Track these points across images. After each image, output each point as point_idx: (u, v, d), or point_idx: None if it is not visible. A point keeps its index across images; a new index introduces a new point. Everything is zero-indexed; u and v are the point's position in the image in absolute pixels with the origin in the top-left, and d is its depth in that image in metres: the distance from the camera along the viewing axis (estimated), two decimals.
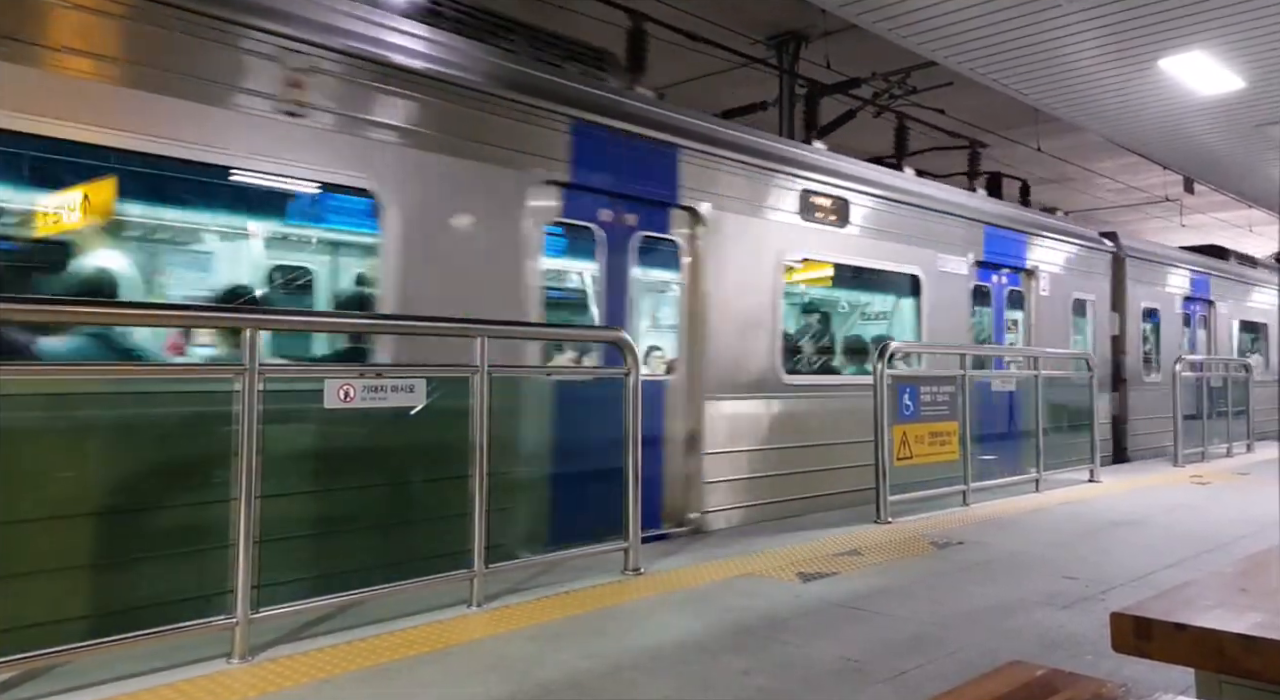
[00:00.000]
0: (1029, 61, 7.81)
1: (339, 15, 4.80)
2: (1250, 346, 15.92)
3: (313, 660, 3.37)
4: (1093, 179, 18.01)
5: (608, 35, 9.38)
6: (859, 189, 7.99)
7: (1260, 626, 1.60)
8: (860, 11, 6.91)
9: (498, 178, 5.40)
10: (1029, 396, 8.30)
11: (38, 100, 3.76)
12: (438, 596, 4.08)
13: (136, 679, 3.11)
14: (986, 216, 9.64)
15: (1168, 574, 4.81)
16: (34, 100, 3.75)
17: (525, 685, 3.15)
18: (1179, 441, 10.39)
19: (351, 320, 5.10)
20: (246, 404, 3.37)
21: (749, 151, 7.09)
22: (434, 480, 4.65)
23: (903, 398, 6.74)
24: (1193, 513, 7.02)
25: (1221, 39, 7.20)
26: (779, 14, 10.70)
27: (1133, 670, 2.64)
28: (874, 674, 3.30)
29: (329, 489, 4.37)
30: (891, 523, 6.33)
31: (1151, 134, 10.03)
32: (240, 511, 3.34)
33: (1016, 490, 7.83)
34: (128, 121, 4.00)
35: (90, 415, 3.75)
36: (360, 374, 3.95)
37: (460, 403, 4.09)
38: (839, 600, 4.29)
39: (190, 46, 4.19)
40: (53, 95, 3.80)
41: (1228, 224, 21.40)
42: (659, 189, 6.42)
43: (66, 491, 3.66)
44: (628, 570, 4.75)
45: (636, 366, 4.82)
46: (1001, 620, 4.01)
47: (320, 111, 4.64)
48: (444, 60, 5.21)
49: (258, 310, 4.58)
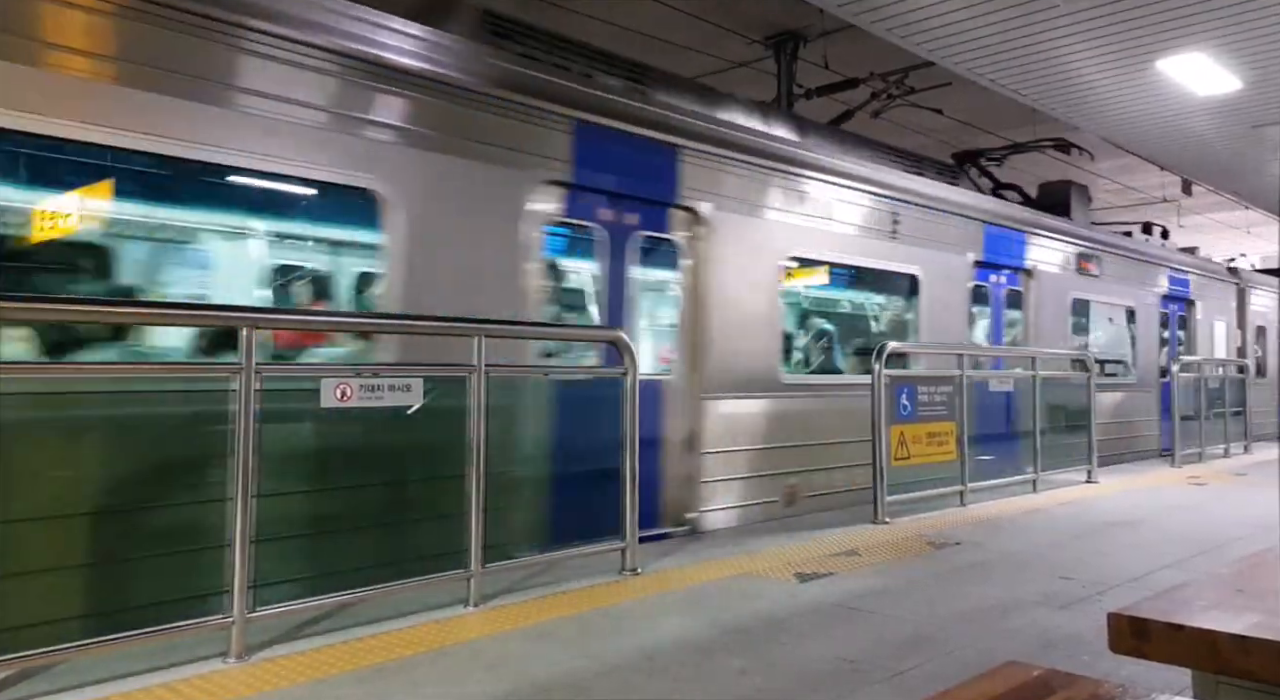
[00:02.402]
0: (1026, 62, 7.81)
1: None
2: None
3: (309, 660, 3.36)
4: (1090, 180, 18.02)
5: (609, 35, 9.39)
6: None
7: (1257, 627, 1.60)
8: (858, 11, 6.91)
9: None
10: (1027, 397, 8.31)
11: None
12: (434, 596, 4.08)
13: (133, 678, 3.11)
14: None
15: (1165, 574, 4.81)
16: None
17: (522, 685, 3.15)
18: (1176, 442, 10.41)
19: (351, 320, 5.09)
20: (243, 403, 3.37)
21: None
22: (401, 483, 4.63)
23: (900, 398, 6.75)
24: (1190, 513, 7.03)
25: (1219, 40, 7.21)
26: (777, 14, 10.70)
27: (1129, 671, 2.64)
28: (871, 674, 3.30)
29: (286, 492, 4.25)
30: (889, 523, 6.33)
31: (1149, 135, 10.03)
32: (237, 511, 3.34)
33: (1014, 491, 7.84)
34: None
35: (103, 414, 3.74)
36: (358, 373, 3.95)
37: (437, 403, 4.06)
38: (836, 600, 4.29)
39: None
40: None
41: (1225, 225, 21.42)
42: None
43: (72, 490, 3.66)
44: (625, 570, 4.75)
45: (635, 367, 4.82)
46: (999, 620, 4.01)
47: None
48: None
49: (257, 310, 4.57)
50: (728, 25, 10.78)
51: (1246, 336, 15.12)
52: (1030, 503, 7.43)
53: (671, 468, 6.45)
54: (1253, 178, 12.01)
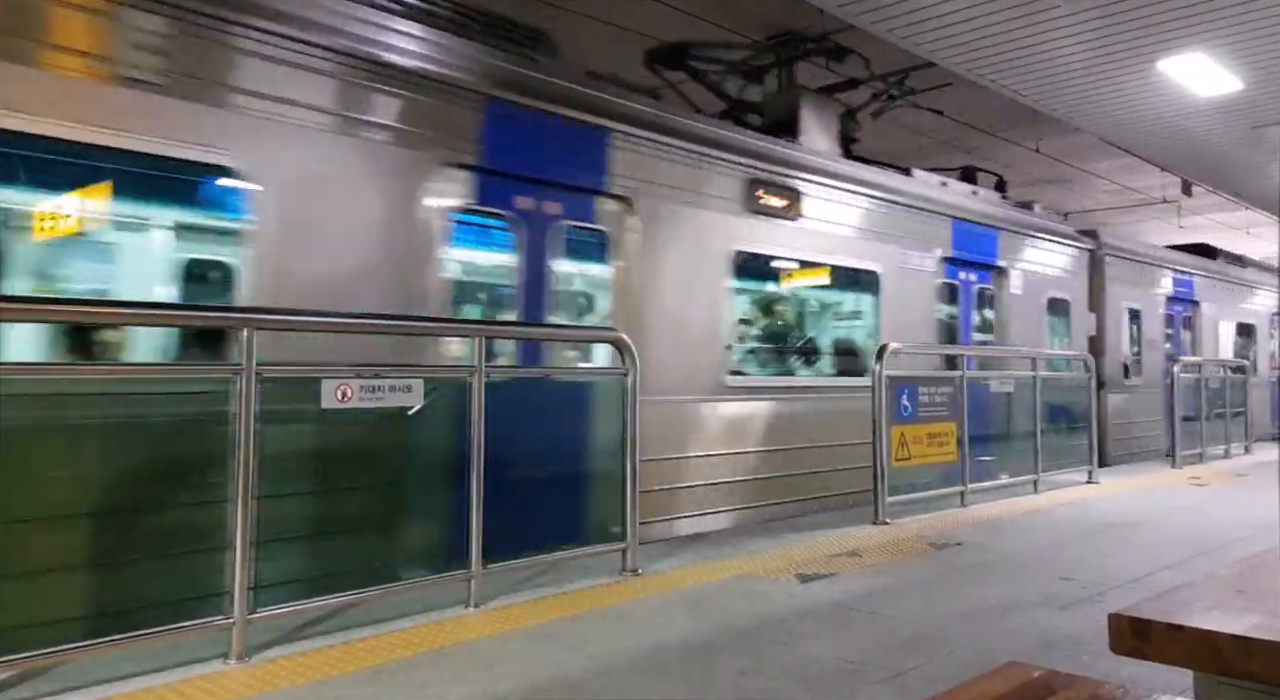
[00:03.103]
0: (1027, 62, 7.81)
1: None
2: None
3: (310, 660, 3.36)
4: (1090, 181, 18.02)
5: (609, 34, 9.38)
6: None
7: (1257, 628, 1.60)
8: (859, 12, 6.91)
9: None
10: (1023, 397, 8.28)
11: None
12: (435, 597, 4.07)
13: (134, 679, 3.11)
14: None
15: (1165, 575, 4.81)
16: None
17: (522, 686, 3.15)
18: (1176, 443, 10.40)
19: (352, 320, 5.06)
20: (243, 404, 3.36)
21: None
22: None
23: (901, 398, 6.75)
24: (1191, 514, 7.03)
25: (1219, 40, 7.20)
26: (777, 14, 10.70)
27: (1130, 671, 2.64)
28: (872, 675, 3.29)
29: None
30: (889, 524, 6.33)
31: (1149, 135, 10.03)
32: (237, 512, 3.34)
33: (1015, 491, 7.84)
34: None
35: (107, 414, 3.71)
36: (357, 373, 3.93)
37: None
38: (837, 601, 4.29)
39: None
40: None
41: (1225, 226, 21.42)
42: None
43: (77, 491, 3.64)
44: (626, 571, 4.75)
45: (635, 367, 4.82)
46: (999, 621, 4.01)
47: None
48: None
49: (257, 310, 4.53)
50: (728, 25, 10.78)
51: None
52: (1031, 503, 7.43)
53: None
54: (1253, 178, 12.00)
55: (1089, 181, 18.08)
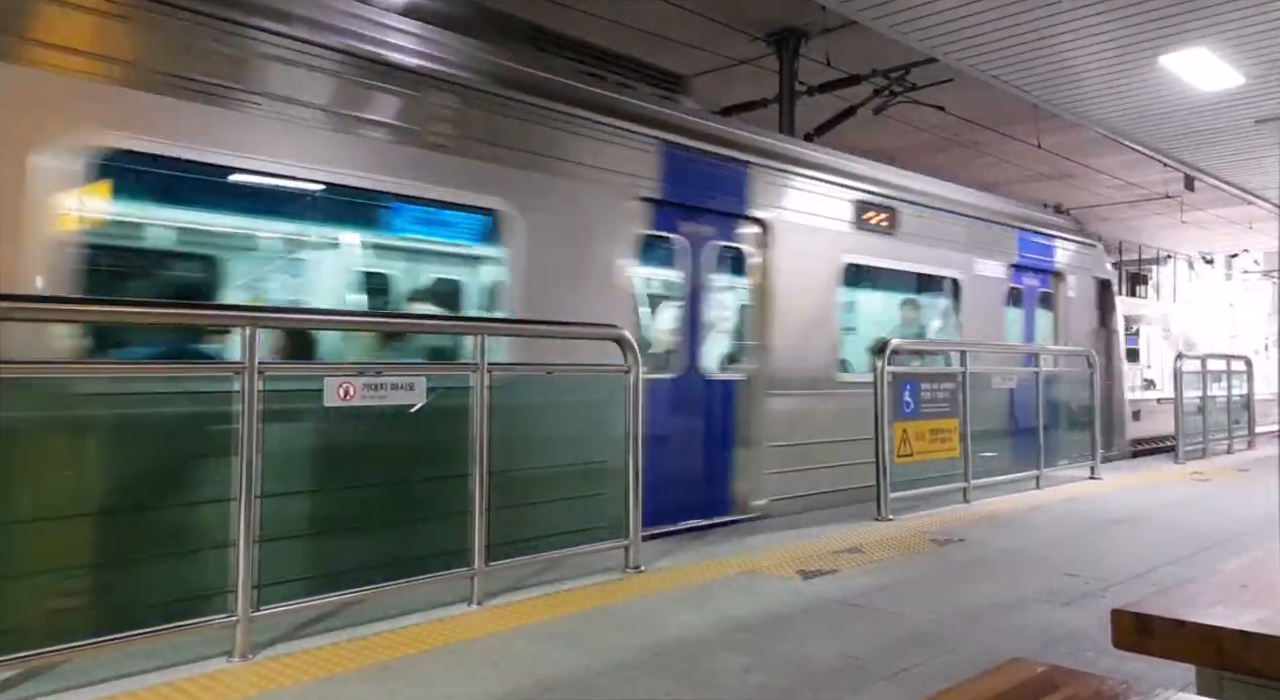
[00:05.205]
0: (1029, 58, 7.79)
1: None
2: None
3: (313, 658, 3.37)
4: (1093, 176, 18.00)
5: (609, 34, 9.38)
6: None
7: (1261, 623, 1.60)
8: (860, 8, 6.90)
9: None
10: (1025, 394, 8.28)
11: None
12: (438, 594, 4.08)
13: (137, 677, 3.12)
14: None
15: (1168, 571, 4.81)
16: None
17: (526, 683, 3.15)
18: (1180, 438, 10.41)
19: (352, 319, 5.08)
20: (246, 403, 3.37)
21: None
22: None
23: (904, 394, 6.75)
24: (1193, 510, 7.02)
25: (1222, 35, 7.19)
26: (778, 11, 10.69)
27: (1133, 667, 2.63)
28: (874, 671, 3.30)
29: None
30: (892, 520, 6.33)
31: (1152, 130, 10.02)
32: (240, 510, 3.34)
33: (1017, 487, 7.83)
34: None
35: (110, 413, 3.72)
36: (359, 372, 3.94)
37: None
38: (840, 597, 4.29)
39: None
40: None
41: (1227, 221, 21.39)
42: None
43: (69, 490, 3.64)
44: (628, 568, 4.75)
45: (637, 364, 4.82)
46: (1002, 617, 4.01)
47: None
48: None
49: (258, 309, 4.55)
50: (729, 23, 10.77)
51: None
52: (1033, 499, 7.43)
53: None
54: (1256, 173, 11.98)
55: (1092, 177, 18.06)
